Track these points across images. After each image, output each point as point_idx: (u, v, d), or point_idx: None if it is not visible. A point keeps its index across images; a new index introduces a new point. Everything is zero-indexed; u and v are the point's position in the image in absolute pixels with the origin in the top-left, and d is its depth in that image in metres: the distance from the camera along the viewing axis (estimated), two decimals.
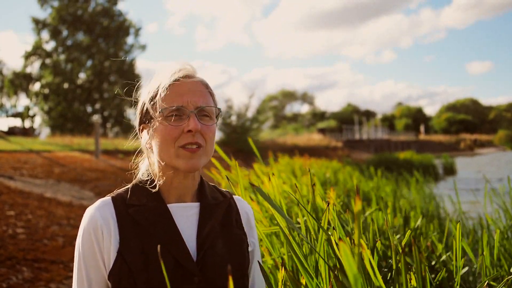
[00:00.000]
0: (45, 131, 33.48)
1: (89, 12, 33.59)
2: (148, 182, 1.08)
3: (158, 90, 1.03)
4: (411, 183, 5.97)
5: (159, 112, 1.01)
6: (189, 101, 1.02)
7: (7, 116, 34.67)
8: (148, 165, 1.12)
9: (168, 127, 1.01)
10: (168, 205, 1.05)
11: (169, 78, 1.03)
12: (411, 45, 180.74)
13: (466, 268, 1.78)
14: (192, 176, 1.08)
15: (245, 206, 1.21)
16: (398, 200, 4.37)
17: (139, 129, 1.11)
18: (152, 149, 1.06)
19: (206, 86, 1.08)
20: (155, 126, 1.03)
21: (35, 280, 3.70)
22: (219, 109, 1.10)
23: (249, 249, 1.15)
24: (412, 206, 4.36)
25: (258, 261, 1.16)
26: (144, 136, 1.09)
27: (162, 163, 1.04)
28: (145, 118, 1.07)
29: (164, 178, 1.05)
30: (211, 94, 1.09)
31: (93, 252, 1.00)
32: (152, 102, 1.04)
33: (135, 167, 1.17)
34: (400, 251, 1.11)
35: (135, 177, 1.14)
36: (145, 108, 1.06)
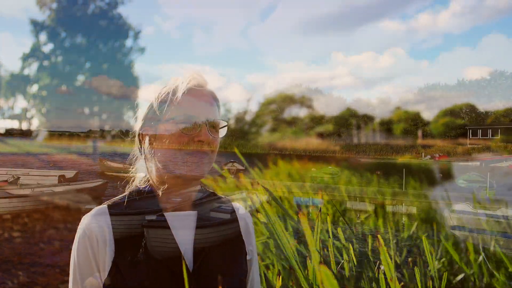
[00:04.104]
0: (43, 134, 33.35)
1: (88, 15, 33.62)
2: (146, 190, 1.06)
3: (169, 96, 1.02)
4: (409, 188, 5.98)
5: (171, 119, 1.01)
6: (201, 112, 1.03)
7: (4, 118, 34.54)
8: (146, 172, 1.10)
9: (178, 134, 1.00)
10: (165, 214, 1.04)
11: (184, 86, 1.03)
12: (409, 49, 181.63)
13: (462, 275, 1.77)
14: (192, 184, 1.07)
15: (244, 213, 1.20)
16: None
17: (140, 133, 1.08)
18: (153, 154, 1.05)
19: (215, 99, 1.09)
20: (161, 132, 1.02)
21: (31, 285, 3.68)
22: (226, 122, 1.09)
23: (247, 257, 1.13)
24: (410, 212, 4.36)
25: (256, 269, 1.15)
26: (146, 140, 1.07)
27: (163, 170, 1.03)
28: (151, 122, 1.06)
29: (163, 185, 1.04)
30: (218, 107, 1.10)
31: (88, 261, 0.98)
32: (161, 108, 1.03)
33: (133, 172, 1.14)
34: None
35: (132, 183, 1.11)
36: (151, 112, 1.05)
